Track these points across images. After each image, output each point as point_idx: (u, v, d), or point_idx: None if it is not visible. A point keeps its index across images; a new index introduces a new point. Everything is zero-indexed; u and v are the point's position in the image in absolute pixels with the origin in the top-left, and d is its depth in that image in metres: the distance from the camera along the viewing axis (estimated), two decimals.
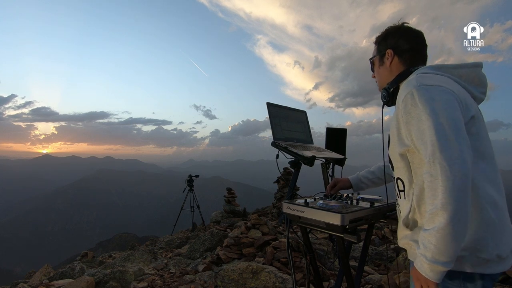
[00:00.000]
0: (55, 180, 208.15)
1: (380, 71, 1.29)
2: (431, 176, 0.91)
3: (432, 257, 0.90)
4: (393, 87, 1.20)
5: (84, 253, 6.49)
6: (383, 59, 1.26)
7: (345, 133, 2.01)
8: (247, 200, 79.11)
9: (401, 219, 1.15)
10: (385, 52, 1.24)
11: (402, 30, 1.23)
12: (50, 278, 4.23)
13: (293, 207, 1.39)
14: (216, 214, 8.35)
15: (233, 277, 3.08)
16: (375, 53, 1.31)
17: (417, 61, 1.21)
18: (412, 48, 1.21)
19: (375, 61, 1.31)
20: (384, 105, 1.26)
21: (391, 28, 1.26)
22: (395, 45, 1.22)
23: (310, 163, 1.58)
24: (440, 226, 0.87)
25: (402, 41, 1.21)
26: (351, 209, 1.28)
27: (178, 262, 4.82)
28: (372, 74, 1.36)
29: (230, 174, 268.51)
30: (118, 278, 3.55)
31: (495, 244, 0.95)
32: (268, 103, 1.83)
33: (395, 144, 1.11)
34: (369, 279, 3.09)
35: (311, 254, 1.60)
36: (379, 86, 1.33)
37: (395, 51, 1.22)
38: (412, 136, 1.00)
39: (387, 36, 1.25)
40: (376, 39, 1.31)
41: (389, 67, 1.24)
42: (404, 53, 1.21)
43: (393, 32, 1.24)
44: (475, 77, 1.12)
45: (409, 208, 1.08)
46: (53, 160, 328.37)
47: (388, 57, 1.24)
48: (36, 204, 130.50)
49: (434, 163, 0.90)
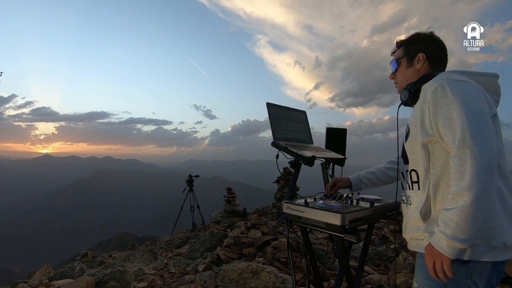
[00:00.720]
0: (55, 180, 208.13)
1: (407, 72, 1.32)
2: (460, 160, 0.97)
3: (452, 234, 0.96)
4: (416, 88, 1.25)
5: (84, 253, 6.49)
6: (412, 61, 1.30)
7: (345, 133, 2.01)
8: (247, 200, 79.11)
9: (414, 210, 1.18)
10: (416, 55, 1.29)
11: (433, 37, 1.29)
12: (50, 278, 4.23)
13: (293, 207, 1.39)
14: (216, 214, 8.35)
15: (233, 277, 3.08)
16: (401, 54, 1.34)
17: (441, 67, 1.29)
18: (441, 55, 1.29)
19: (402, 62, 1.34)
20: (401, 105, 1.32)
21: (422, 34, 1.31)
22: (428, 50, 1.28)
23: (310, 163, 1.58)
24: (465, 206, 0.93)
25: (433, 48, 1.28)
26: (351, 209, 1.28)
27: (178, 262, 4.82)
28: (391, 75, 1.39)
29: (230, 174, 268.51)
30: (118, 278, 3.55)
31: (502, 232, 1.02)
32: (268, 103, 1.83)
33: (416, 135, 1.16)
34: (369, 279, 3.09)
35: (311, 254, 1.60)
36: (399, 86, 1.36)
37: (427, 56, 1.27)
38: (438, 124, 1.05)
39: (418, 40, 1.30)
40: (403, 41, 1.35)
41: (417, 70, 1.29)
42: (434, 59, 1.28)
43: (425, 38, 1.30)
44: (492, 85, 1.19)
45: (425, 198, 1.13)
46: (53, 160, 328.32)
47: (419, 60, 1.28)
48: (36, 204, 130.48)
49: (464, 147, 0.96)
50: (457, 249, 0.97)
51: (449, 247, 0.97)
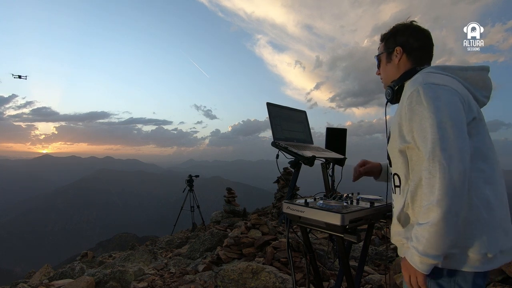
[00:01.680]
0: (55, 180, 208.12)
1: (387, 68, 1.28)
2: (430, 173, 0.93)
3: (423, 250, 0.94)
4: (398, 85, 1.20)
5: (84, 253, 6.49)
6: (391, 56, 1.25)
7: (345, 133, 2.01)
8: (247, 200, 79.10)
9: (395, 215, 1.16)
10: (394, 49, 1.23)
11: (412, 28, 1.22)
12: (50, 278, 4.23)
13: (293, 207, 1.39)
14: (216, 214, 8.35)
15: (233, 277, 3.08)
16: (382, 49, 1.29)
17: (424, 60, 1.21)
18: (421, 47, 1.21)
19: (382, 58, 1.29)
20: (388, 102, 1.26)
21: (400, 25, 1.25)
22: (405, 42, 1.21)
23: (310, 163, 1.57)
24: (434, 222, 0.91)
25: (412, 39, 1.21)
26: (351, 209, 1.28)
27: (178, 262, 4.82)
28: (377, 71, 1.35)
29: (230, 174, 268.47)
30: (118, 278, 3.55)
31: (484, 243, 0.96)
32: (268, 103, 1.83)
33: (395, 140, 1.13)
34: (369, 279, 3.09)
35: (311, 254, 1.60)
36: (384, 83, 1.32)
37: (404, 49, 1.21)
38: (414, 133, 1.01)
39: (396, 33, 1.24)
40: (384, 36, 1.30)
41: (396, 65, 1.24)
42: (413, 52, 1.21)
43: (403, 30, 1.23)
44: (480, 80, 1.12)
45: (403, 203, 1.10)
46: (53, 160, 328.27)
47: (396, 54, 1.23)
48: (36, 204, 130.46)
49: (433, 160, 0.92)
50: (429, 264, 0.95)
51: (422, 263, 0.96)
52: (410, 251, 0.99)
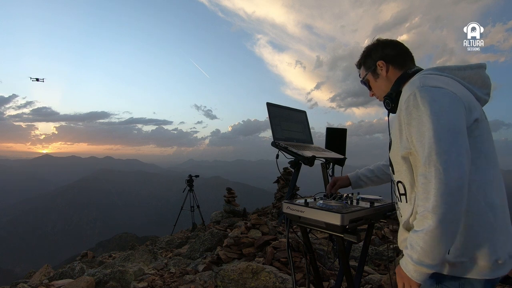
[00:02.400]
0: (55, 180, 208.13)
1: (378, 83, 1.28)
2: (425, 179, 0.90)
3: (417, 259, 0.91)
4: (395, 92, 1.19)
5: (84, 253, 6.49)
6: (376, 72, 1.27)
7: (345, 133, 2.01)
8: (247, 200, 79.05)
9: (401, 223, 1.14)
10: (376, 65, 1.25)
11: (381, 42, 1.27)
12: (50, 278, 4.23)
13: (293, 207, 1.39)
14: (216, 214, 8.35)
15: (233, 277, 3.08)
16: (364, 72, 1.32)
17: (408, 63, 1.22)
18: (398, 53, 1.23)
19: (369, 78, 1.31)
20: (390, 113, 1.23)
21: (370, 45, 1.29)
22: (383, 54, 1.24)
23: (310, 163, 1.57)
24: (429, 229, 0.88)
25: (387, 50, 1.24)
26: (351, 209, 1.27)
27: (178, 262, 4.82)
28: (370, 93, 1.35)
29: (230, 174, 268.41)
30: (118, 278, 3.55)
31: (494, 249, 0.94)
32: (268, 103, 1.83)
33: (397, 147, 1.10)
34: (369, 279, 3.09)
35: (311, 254, 1.60)
36: (379, 98, 1.31)
37: (386, 60, 1.23)
38: (413, 138, 0.99)
39: (370, 52, 1.28)
40: (359, 61, 1.34)
41: (385, 77, 1.24)
42: (395, 59, 1.22)
43: (375, 47, 1.27)
44: (478, 78, 1.11)
45: (411, 212, 1.07)
46: (53, 160, 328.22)
47: (381, 67, 1.24)
48: (36, 204, 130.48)
49: (429, 165, 0.90)
50: (424, 273, 0.92)
51: (416, 272, 0.93)
52: (404, 259, 0.97)
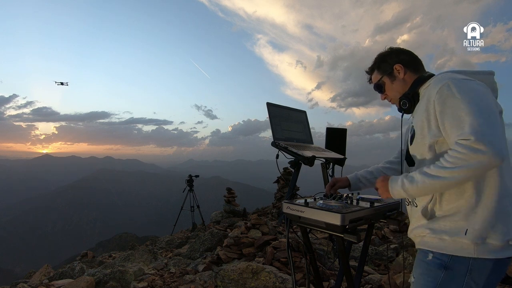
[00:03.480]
0: (55, 180, 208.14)
1: (394, 86, 1.33)
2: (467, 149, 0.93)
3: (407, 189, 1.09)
4: (412, 93, 1.25)
5: (84, 253, 6.49)
6: (393, 75, 1.32)
7: (345, 133, 2.01)
8: (247, 200, 79.07)
9: (418, 210, 1.18)
10: (393, 68, 1.31)
11: (395, 49, 1.34)
12: (50, 278, 4.23)
13: (293, 207, 1.39)
14: (216, 214, 8.35)
15: (233, 277, 3.08)
16: (379, 75, 1.36)
17: (421, 69, 1.30)
18: (413, 59, 1.31)
19: (386, 80, 1.35)
20: (404, 113, 1.30)
21: (384, 52, 1.36)
22: (400, 59, 1.30)
23: (310, 163, 1.58)
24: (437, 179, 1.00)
25: (402, 56, 1.31)
26: (351, 209, 1.27)
27: (178, 262, 4.82)
28: (382, 96, 1.40)
29: (230, 174, 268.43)
30: (118, 278, 3.55)
31: (507, 231, 1.01)
32: (268, 103, 1.83)
33: (423, 137, 1.15)
34: (369, 279, 3.09)
35: (311, 254, 1.60)
36: (394, 101, 1.36)
37: (403, 64, 1.29)
38: (445, 124, 1.03)
39: (384, 58, 1.35)
40: (373, 66, 1.40)
41: (402, 79, 1.30)
42: (410, 64, 1.30)
43: (389, 53, 1.34)
44: (489, 83, 1.16)
45: (430, 198, 1.13)
46: (53, 160, 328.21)
47: (399, 70, 1.30)
48: (36, 204, 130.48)
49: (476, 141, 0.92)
50: (399, 198, 1.15)
51: (398, 194, 1.13)
52: (399, 179, 1.12)
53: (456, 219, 1.05)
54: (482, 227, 1.01)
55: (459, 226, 1.04)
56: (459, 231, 1.03)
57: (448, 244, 1.05)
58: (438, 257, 1.07)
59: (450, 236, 1.05)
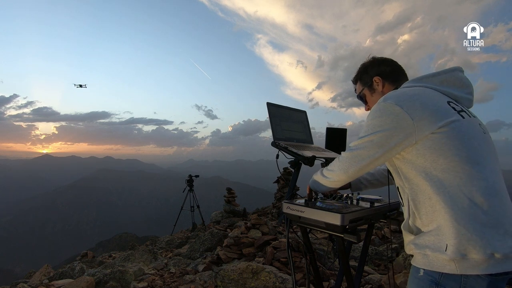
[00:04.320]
0: (55, 180, 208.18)
1: (374, 98, 1.36)
2: (342, 157, 1.19)
3: (315, 180, 1.37)
4: None
5: (84, 253, 6.49)
6: (372, 87, 1.36)
7: (345, 133, 2.01)
8: (247, 200, 79.02)
9: (404, 224, 1.17)
10: (372, 81, 1.35)
11: (377, 59, 1.37)
12: (50, 278, 4.23)
13: (293, 207, 1.38)
14: (216, 214, 8.35)
15: (233, 277, 3.08)
16: (361, 87, 1.41)
17: (401, 80, 1.31)
18: (393, 70, 1.33)
19: (366, 93, 1.40)
20: None
21: (366, 62, 1.39)
22: (379, 71, 1.34)
23: (310, 163, 1.57)
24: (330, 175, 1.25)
25: (382, 67, 1.34)
26: (351, 209, 1.27)
27: (178, 262, 4.82)
28: (366, 107, 1.44)
29: (230, 174, 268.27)
30: (118, 278, 3.55)
31: (487, 243, 0.93)
32: (268, 103, 1.82)
33: None
34: (369, 279, 3.09)
35: (311, 254, 1.60)
36: None
37: (381, 76, 1.33)
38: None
39: (366, 69, 1.38)
40: (355, 77, 1.43)
41: (381, 91, 1.33)
42: (389, 76, 1.33)
43: (371, 64, 1.37)
44: (456, 80, 1.19)
45: (408, 213, 1.13)
46: (53, 160, 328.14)
47: (378, 82, 1.34)
48: (36, 204, 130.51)
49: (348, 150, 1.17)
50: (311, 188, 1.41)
51: (312, 184, 1.39)
52: (315, 176, 1.36)
53: (437, 234, 1.00)
54: (458, 242, 0.94)
55: (440, 241, 0.98)
56: (440, 247, 0.98)
57: (431, 261, 1.01)
58: (429, 274, 1.02)
59: (432, 252, 1.00)
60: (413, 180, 1.08)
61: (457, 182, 0.98)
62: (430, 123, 1.02)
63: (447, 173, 0.99)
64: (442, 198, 0.99)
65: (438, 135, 1.01)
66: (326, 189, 1.34)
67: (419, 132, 1.03)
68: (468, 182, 0.98)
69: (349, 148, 1.18)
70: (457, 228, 0.95)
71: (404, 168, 1.11)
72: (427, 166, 1.03)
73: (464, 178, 0.98)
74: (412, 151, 1.05)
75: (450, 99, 1.13)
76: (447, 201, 0.98)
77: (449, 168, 0.99)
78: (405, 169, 1.10)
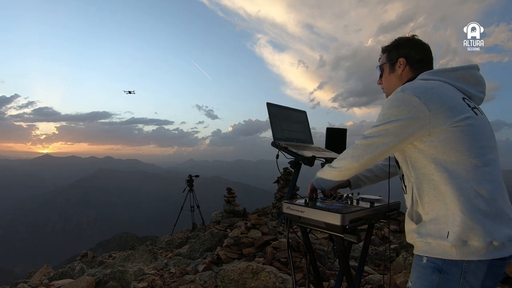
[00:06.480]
0: (55, 180, 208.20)
1: (390, 78, 1.34)
2: (356, 145, 1.17)
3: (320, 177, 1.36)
4: None
5: (84, 253, 6.49)
6: (394, 67, 1.32)
7: (345, 133, 2.01)
8: (247, 200, 79.06)
9: (406, 213, 1.21)
10: (397, 60, 1.30)
11: (414, 41, 1.30)
12: (50, 278, 4.23)
13: (293, 207, 1.38)
14: (216, 214, 8.35)
15: (233, 277, 3.08)
16: (384, 60, 1.36)
17: (425, 70, 1.26)
18: (422, 59, 1.28)
19: (385, 68, 1.36)
20: None
21: (402, 38, 1.32)
22: (408, 54, 1.29)
23: (310, 163, 1.57)
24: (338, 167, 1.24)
25: (413, 52, 1.28)
26: (351, 209, 1.27)
27: (178, 262, 4.82)
28: (379, 81, 1.41)
29: (230, 174, 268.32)
30: (118, 278, 3.55)
31: (486, 231, 0.98)
32: (268, 103, 1.82)
33: None
34: (369, 279, 3.09)
35: (311, 254, 1.60)
36: (386, 92, 1.39)
37: (407, 60, 1.28)
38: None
39: (399, 45, 1.31)
40: (386, 47, 1.37)
41: (399, 75, 1.31)
42: (415, 63, 1.28)
43: (405, 43, 1.30)
44: (471, 77, 1.19)
45: (411, 201, 1.16)
46: (53, 160, 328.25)
47: (400, 65, 1.30)
48: (36, 204, 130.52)
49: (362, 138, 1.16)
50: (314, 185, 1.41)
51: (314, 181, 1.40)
52: (324, 169, 1.34)
53: (439, 222, 1.05)
54: (461, 229, 0.99)
55: (442, 229, 1.04)
56: (442, 234, 1.03)
57: (433, 248, 1.06)
58: (431, 261, 1.06)
59: (434, 240, 1.05)
60: (421, 169, 1.10)
61: (465, 175, 1.03)
62: (446, 117, 1.04)
63: (456, 166, 1.03)
64: (449, 189, 1.03)
65: (453, 129, 1.04)
66: (332, 184, 1.33)
67: (434, 124, 1.05)
68: (476, 176, 1.03)
69: (363, 136, 1.16)
70: (462, 218, 1.00)
71: (413, 156, 1.13)
72: (438, 157, 1.06)
73: (471, 172, 1.03)
74: (426, 141, 1.07)
75: (464, 95, 1.15)
76: (454, 192, 1.02)
77: (459, 161, 1.03)
78: (414, 158, 1.12)
